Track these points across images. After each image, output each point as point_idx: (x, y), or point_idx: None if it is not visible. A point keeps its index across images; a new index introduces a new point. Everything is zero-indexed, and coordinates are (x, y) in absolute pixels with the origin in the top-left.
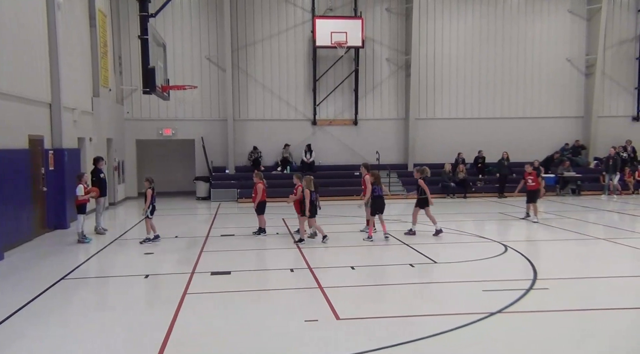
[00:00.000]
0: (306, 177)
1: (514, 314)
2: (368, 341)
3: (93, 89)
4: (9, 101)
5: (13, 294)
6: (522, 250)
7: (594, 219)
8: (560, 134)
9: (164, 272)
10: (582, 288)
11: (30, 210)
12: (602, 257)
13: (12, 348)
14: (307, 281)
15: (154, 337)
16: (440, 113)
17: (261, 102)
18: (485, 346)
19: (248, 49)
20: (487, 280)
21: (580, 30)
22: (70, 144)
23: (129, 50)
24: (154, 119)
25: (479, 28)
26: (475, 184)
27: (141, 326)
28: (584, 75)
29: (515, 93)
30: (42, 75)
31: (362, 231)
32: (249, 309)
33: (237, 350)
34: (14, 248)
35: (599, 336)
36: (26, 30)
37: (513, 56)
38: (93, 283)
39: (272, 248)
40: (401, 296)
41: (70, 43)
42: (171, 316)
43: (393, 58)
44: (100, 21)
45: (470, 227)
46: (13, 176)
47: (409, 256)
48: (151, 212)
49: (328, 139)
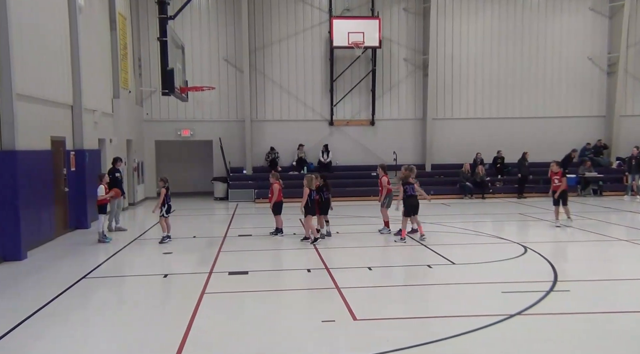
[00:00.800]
0: (307, 175)
1: (533, 317)
2: (385, 342)
3: (113, 90)
4: (32, 103)
5: (35, 293)
6: (542, 251)
7: (615, 220)
8: (581, 133)
9: (182, 272)
10: (604, 290)
11: (53, 210)
12: (623, 259)
13: (33, 346)
14: (324, 282)
15: (172, 336)
16: (459, 113)
17: (278, 103)
18: (504, 349)
19: (265, 50)
20: (506, 282)
21: (602, 28)
22: (90, 145)
23: (149, 52)
24: (173, 120)
25: (498, 27)
26: (494, 185)
27: (159, 325)
28: (606, 74)
29: (535, 92)
30: (64, 77)
31: (381, 233)
32: (266, 309)
33: (254, 350)
34: (37, 248)
35: (619, 339)
36: (48, 34)
37: (533, 55)
38: (113, 282)
39: (289, 248)
40: (419, 297)
41: (91, 46)
42: (189, 316)
43: (410, 58)
44: (120, 24)
45: (489, 228)
46: (36, 177)
47: (427, 257)
48: (167, 211)
49: (345, 139)
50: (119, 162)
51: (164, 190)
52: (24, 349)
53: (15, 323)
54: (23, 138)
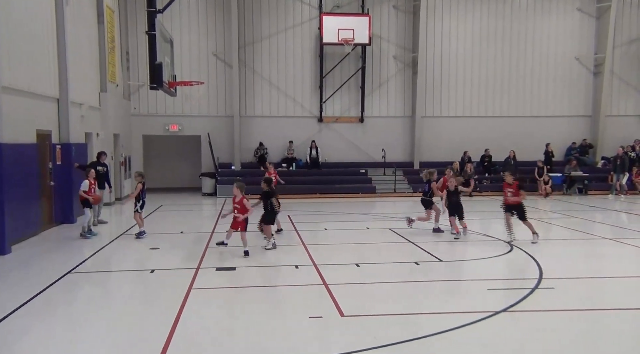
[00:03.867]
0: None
1: (519, 313)
2: (372, 339)
3: (100, 84)
4: (18, 95)
5: (19, 288)
6: (527, 249)
7: (600, 219)
8: (567, 132)
9: (169, 267)
10: (588, 288)
11: (38, 204)
12: (608, 257)
13: (17, 342)
14: (312, 278)
15: (159, 332)
16: (447, 111)
17: (267, 98)
18: (490, 345)
19: (255, 46)
20: (493, 279)
21: (589, 29)
22: (77, 139)
23: (137, 46)
24: (161, 115)
25: (487, 26)
26: (482, 183)
27: (146, 320)
28: (592, 74)
29: (523, 91)
30: (51, 70)
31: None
32: (253, 305)
33: (241, 346)
34: (21, 242)
35: (604, 336)
36: (35, 26)
37: (521, 54)
38: (99, 278)
39: (277, 245)
40: (406, 294)
41: (78, 39)
42: (176, 311)
43: (400, 56)
44: (108, 17)
45: (476, 225)
46: (21, 170)
47: (415, 254)
48: (141, 206)
49: (334, 136)
50: (103, 156)
51: (140, 185)
52: (9, 344)
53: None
54: (8, 131)
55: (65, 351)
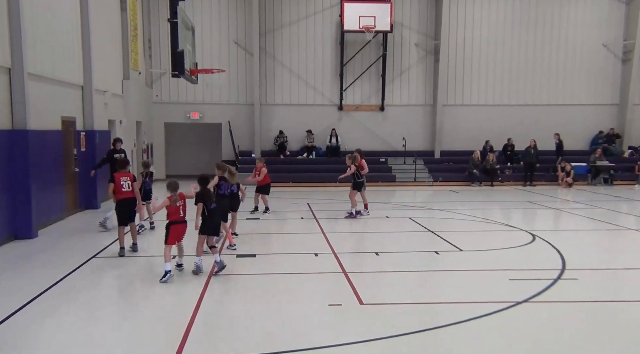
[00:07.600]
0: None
1: (540, 304)
2: (391, 327)
3: (123, 72)
4: (44, 83)
5: (46, 272)
6: (550, 239)
7: (626, 210)
8: (593, 121)
9: (190, 253)
10: (612, 279)
11: (63, 190)
12: (632, 249)
13: (43, 323)
14: (331, 266)
15: (180, 317)
16: (469, 99)
17: (288, 86)
18: (511, 335)
19: (276, 33)
20: (514, 269)
21: (618, 14)
22: (101, 126)
23: (159, 33)
24: (182, 103)
25: (511, 12)
26: (504, 172)
27: (168, 305)
28: (620, 61)
29: (548, 79)
30: (75, 58)
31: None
32: (273, 292)
33: (260, 332)
34: (47, 226)
35: (626, 328)
36: (59, 15)
37: (546, 41)
38: (122, 262)
39: (297, 233)
40: (426, 283)
41: (101, 26)
42: (197, 297)
43: (422, 43)
44: (130, 4)
45: (497, 215)
46: (47, 157)
47: (435, 244)
48: (143, 198)
49: (354, 124)
50: (119, 143)
51: (140, 176)
52: (34, 325)
53: (26, 300)
54: (34, 118)
55: (87, 333)
